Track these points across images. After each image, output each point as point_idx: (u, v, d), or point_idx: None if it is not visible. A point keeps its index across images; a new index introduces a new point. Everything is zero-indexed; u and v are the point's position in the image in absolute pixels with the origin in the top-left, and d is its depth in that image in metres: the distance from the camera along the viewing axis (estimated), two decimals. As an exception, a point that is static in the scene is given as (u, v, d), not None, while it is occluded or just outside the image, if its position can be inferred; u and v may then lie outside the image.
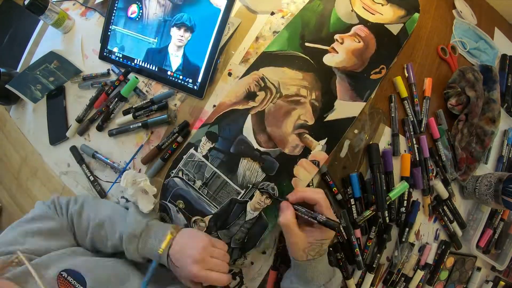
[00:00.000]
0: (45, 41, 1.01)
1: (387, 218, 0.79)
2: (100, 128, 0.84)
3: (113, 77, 0.90)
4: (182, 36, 0.78)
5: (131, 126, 0.81)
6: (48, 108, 0.94)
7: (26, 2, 0.90)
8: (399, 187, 0.78)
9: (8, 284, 0.39)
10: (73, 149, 0.87)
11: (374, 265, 0.78)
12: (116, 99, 0.83)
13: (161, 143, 0.78)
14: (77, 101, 0.91)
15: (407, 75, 0.85)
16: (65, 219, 0.69)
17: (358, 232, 0.77)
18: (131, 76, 0.84)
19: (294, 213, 0.61)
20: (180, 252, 0.60)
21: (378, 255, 0.78)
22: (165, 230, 0.64)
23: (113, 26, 0.86)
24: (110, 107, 0.83)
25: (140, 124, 0.81)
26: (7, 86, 0.90)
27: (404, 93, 0.83)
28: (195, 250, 0.60)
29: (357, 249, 0.75)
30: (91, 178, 0.84)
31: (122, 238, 0.63)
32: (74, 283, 0.52)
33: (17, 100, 1.00)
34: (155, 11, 0.78)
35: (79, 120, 0.87)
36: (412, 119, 0.83)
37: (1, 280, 0.40)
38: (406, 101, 0.83)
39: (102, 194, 0.83)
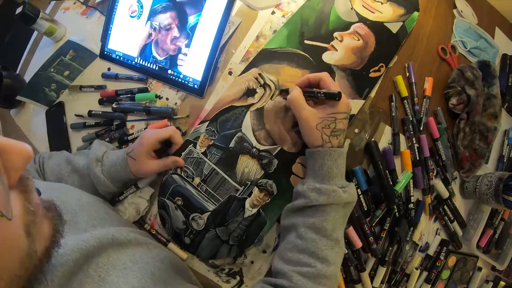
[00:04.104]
0: (45, 39, 1.01)
1: (396, 213, 0.79)
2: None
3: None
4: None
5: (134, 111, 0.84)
6: (48, 126, 0.92)
7: (17, 12, 0.90)
8: (403, 178, 0.77)
9: None
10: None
11: (386, 258, 0.77)
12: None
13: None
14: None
15: (408, 74, 0.85)
16: (36, 165, 0.74)
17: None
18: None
19: (301, 92, 0.64)
20: (133, 145, 0.69)
21: (390, 248, 0.78)
22: (122, 150, 0.71)
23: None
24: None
25: (142, 108, 0.82)
26: (18, 97, 0.90)
27: (405, 92, 0.82)
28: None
29: (371, 237, 0.74)
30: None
31: (88, 166, 0.68)
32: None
33: (20, 104, 0.98)
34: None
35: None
36: (411, 118, 0.83)
37: None
38: (406, 101, 0.83)
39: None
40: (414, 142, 0.81)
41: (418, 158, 0.80)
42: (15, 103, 0.97)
